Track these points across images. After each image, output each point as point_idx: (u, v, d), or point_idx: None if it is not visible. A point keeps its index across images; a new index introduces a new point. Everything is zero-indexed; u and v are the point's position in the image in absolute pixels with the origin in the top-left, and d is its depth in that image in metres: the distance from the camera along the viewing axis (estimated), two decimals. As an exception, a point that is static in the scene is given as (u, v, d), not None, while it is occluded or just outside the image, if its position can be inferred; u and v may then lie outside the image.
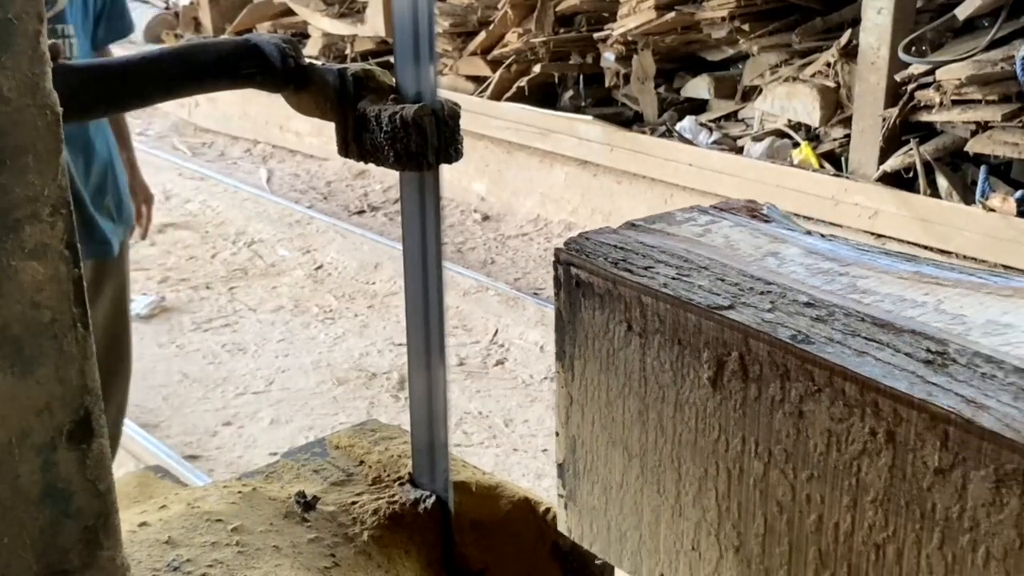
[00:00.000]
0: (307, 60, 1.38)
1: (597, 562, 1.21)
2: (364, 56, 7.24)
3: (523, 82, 6.42)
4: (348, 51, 7.53)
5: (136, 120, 8.02)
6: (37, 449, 0.90)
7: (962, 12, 4.90)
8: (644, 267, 1.12)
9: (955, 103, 4.70)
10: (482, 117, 6.28)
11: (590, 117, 6.07)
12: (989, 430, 0.83)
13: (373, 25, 7.16)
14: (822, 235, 1.27)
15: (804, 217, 4.91)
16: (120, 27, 2.50)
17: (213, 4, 8.43)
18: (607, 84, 6.38)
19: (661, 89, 6.20)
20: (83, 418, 0.92)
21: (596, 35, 6.27)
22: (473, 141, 6.10)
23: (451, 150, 1.27)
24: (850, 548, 0.98)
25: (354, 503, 1.55)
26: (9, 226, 0.84)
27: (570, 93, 6.51)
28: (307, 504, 1.51)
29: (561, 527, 1.30)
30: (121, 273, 2.59)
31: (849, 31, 5.31)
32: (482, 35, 6.64)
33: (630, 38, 6.02)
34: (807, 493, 1.00)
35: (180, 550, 1.40)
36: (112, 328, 2.58)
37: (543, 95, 6.51)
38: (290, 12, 8.05)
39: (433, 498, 1.55)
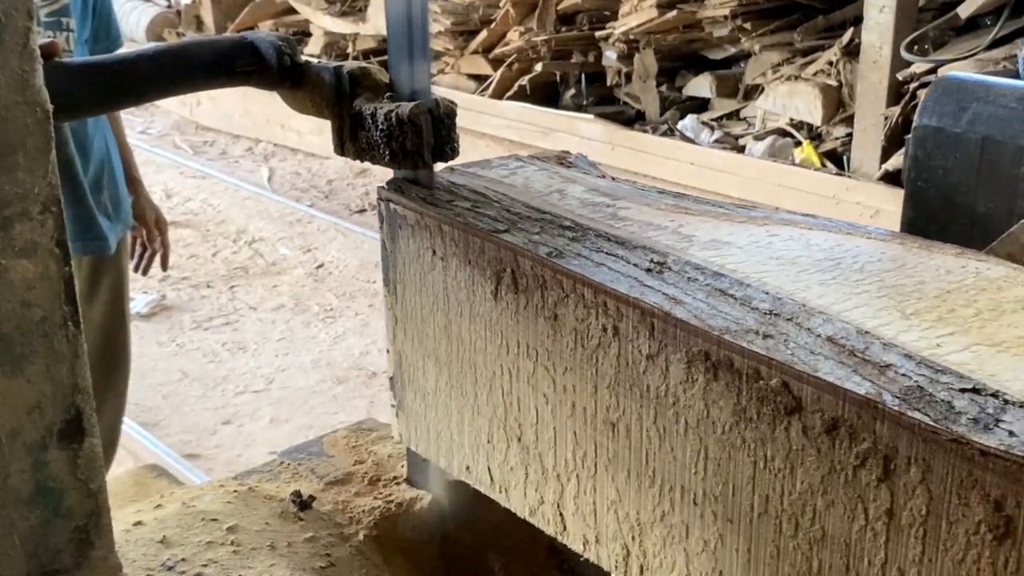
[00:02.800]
0: (304, 58, 1.38)
1: (590, 562, 1.21)
2: (366, 55, 7.23)
3: (525, 81, 6.41)
4: (350, 49, 7.52)
5: (137, 118, 8.03)
6: (28, 448, 0.90)
7: (964, 11, 4.89)
8: (447, 201, 1.31)
9: (957, 103, 4.69)
10: (483, 116, 6.27)
11: (592, 116, 6.06)
12: (682, 320, 1.02)
13: (375, 23, 7.16)
14: (614, 179, 1.47)
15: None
16: (106, 43, 2.50)
17: (215, 2, 8.42)
18: (609, 83, 6.37)
19: (663, 88, 6.19)
20: (74, 417, 0.92)
21: (598, 34, 6.26)
22: (474, 140, 6.10)
23: (447, 148, 1.27)
24: (595, 428, 1.15)
25: (350, 503, 1.55)
26: (-1, 224, 0.84)
27: (572, 92, 6.50)
28: (303, 503, 1.51)
29: (394, 433, 1.48)
30: (118, 271, 2.58)
31: (851, 29, 5.30)
32: (484, 33, 6.63)
33: (632, 36, 6.01)
34: (563, 384, 1.18)
35: (175, 549, 1.39)
36: (109, 326, 2.57)
37: (545, 94, 6.50)
38: (292, 10, 8.05)
39: (429, 498, 1.55)
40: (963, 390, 0.86)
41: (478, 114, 6.20)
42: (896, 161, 4.95)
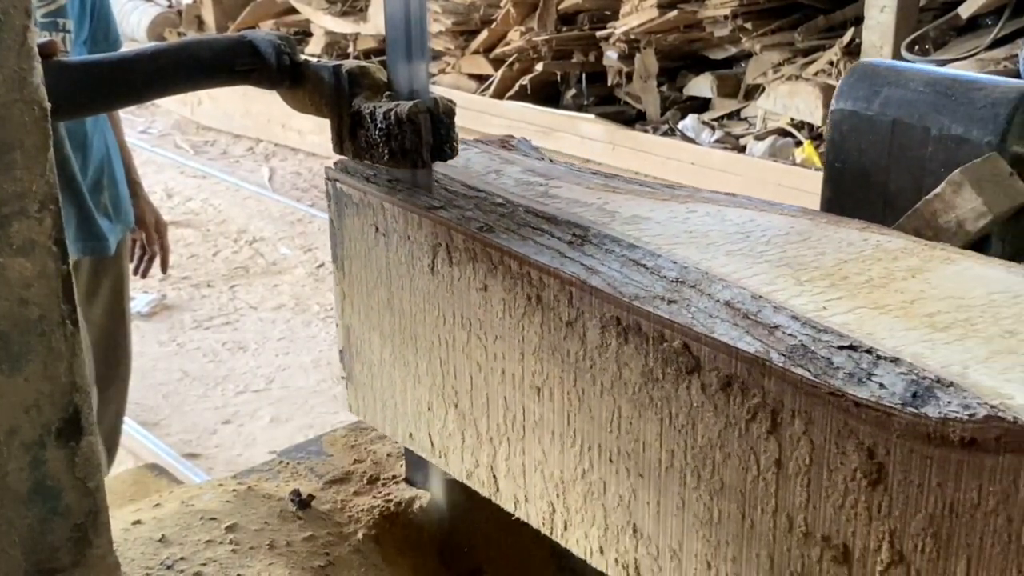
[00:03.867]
0: (303, 57, 1.38)
1: (591, 563, 1.21)
2: (367, 54, 7.24)
3: (525, 80, 6.42)
4: (351, 49, 7.52)
5: (138, 118, 8.03)
6: (26, 447, 0.90)
7: (965, 10, 4.89)
8: (387, 180, 1.36)
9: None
10: (484, 115, 6.27)
11: (592, 116, 6.06)
12: (597, 288, 1.08)
13: (375, 23, 7.16)
14: (552, 161, 1.54)
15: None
16: (105, 46, 2.49)
17: (216, 2, 8.43)
18: (609, 83, 6.38)
19: (663, 88, 6.19)
20: (72, 416, 0.92)
21: (598, 33, 6.27)
22: (475, 139, 6.09)
23: (446, 147, 1.27)
24: (523, 392, 1.21)
25: (349, 502, 1.55)
26: (-4, 222, 0.84)
27: (572, 92, 6.50)
28: (302, 503, 1.51)
29: (349, 407, 1.55)
30: (119, 272, 2.58)
31: (852, 29, 5.30)
32: (484, 33, 6.64)
33: (632, 36, 6.01)
34: (494, 352, 1.24)
35: (174, 548, 1.39)
36: (109, 326, 2.57)
37: (545, 93, 6.50)
38: (293, 10, 8.05)
39: (428, 497, 1.55)
40: (841, 347, 0.92)
41: (479, 114, 6.20)
42: (897, 161, 4.95)
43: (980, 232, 1.28)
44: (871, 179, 1.45)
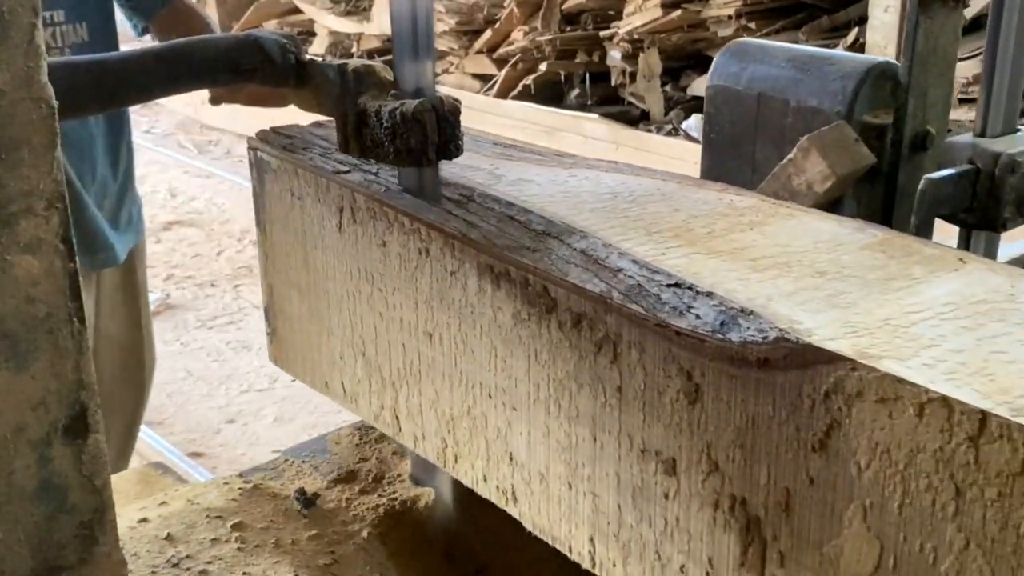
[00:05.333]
0: (308, 56, 1.38)
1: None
2: (371, 54, 7.24)
3: (529, 80, 6.42)
4: (354, 49, 7.53)
5: (142, 117, 8.04)
6: (32, 444, 0.90)
7: (968, 11, 4.88)
8: (302, 148, 1.50)
9: (962, 102, 4.69)
10: (488, 115, 6.27)
11: (596, 115, 6.06)
12: (474, 240, 1.20)
13: (379, 23, 7.16)
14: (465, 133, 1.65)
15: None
16: (101, 43, 2.41)
17: (220, 2, 8.44)
18: (613, 82, 6.38)
19: (667, 87, 6.19)
20: (79, 413, 0.92)
21: (602, 33, 6.27)
22: (479, 139, 6.09)
23: (451, 146, 1.27)
24: (417, 339, 1.33)
25: (354, 500, 1.55)
26: (4, 220, 0.84)
27: (576, 91, 6.50)
28: (307, 501, 1.51)
29: (269, 358, 1.68)
30: (133, 281, 2.54)
31: (856, 29, 5.29)
32: (488, 33, 6.64)
33: (636, 36, 6.01)
34: (393, 302, 1.36)
35: (180, 546, 1.40)
36: (127, 339, 2.53)
37: (549, 93, 6.51)
38: (297, 10, 8.06)
39: (433, 495, 1.55)
40: (668, 285, 1.05)
41: (482, 113, 6.20)
42: (901, 161, 4.94)
43: (828, 192, 1.39)
44: (741, 148, 1.57)
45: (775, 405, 0.94)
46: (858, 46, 5.19)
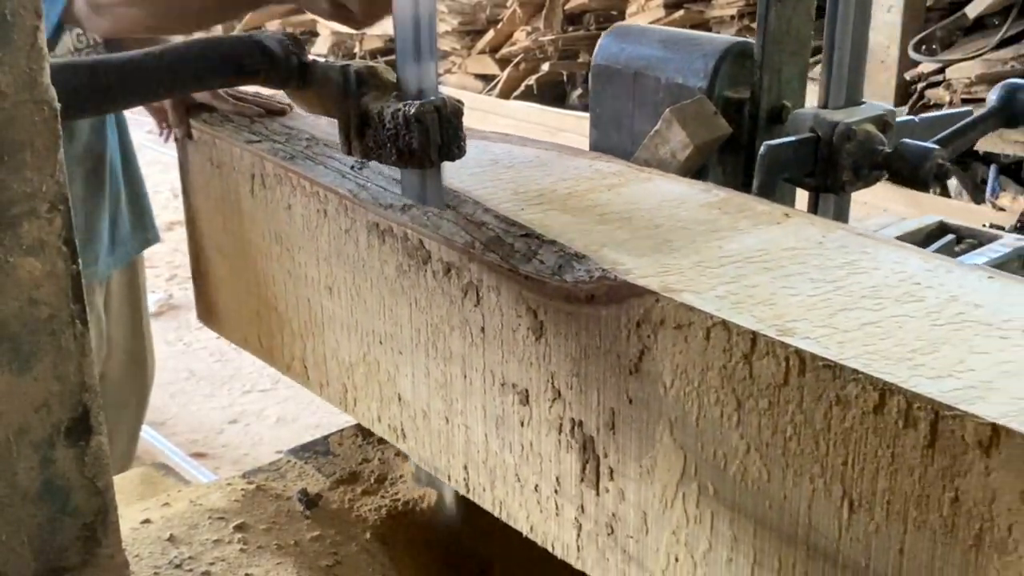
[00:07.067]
0: (311, 57, 1.38)
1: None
2: (373, 55, 7.24)
3: (531, 80, 6.42)
4: (357, 49, 7.53)
5: (146, 118, 8.01)
6: (35, 446, 0.90)
7: (972, 10, 4.88)
8: (219, 122, 1.63)
9: (965, 102, 4.68)
10: (490, 115, 6.27)
11: (598, 115, 6.05)
12: (364, 200, 1.34)
13: (382, 24, 7.15)
14: None
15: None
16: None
17: (222, 2, 8.42)
18: (616, 82, 6.36)
19: (670, 87, 6.18)
20: (81, 415, 0.92)
21: (604, 33, 6.26)
22: (481, 139, 6.09)
23: (454, 147, 1.26)
24: (319, 293, 1.47)
25: (357, 501, 1.55)
26: (7, 222, 0.84)
27: (579, 91, 6.50)
28: (310, 502, 1.51)
29: (197, 318, 1.83)
30: (136, 283, 2.53)
31: (859, 29, 5.28)
32: (491, 33, 6.64)
33: (639, 36, 6.00)
34: (298, 260, 1.49)
35: (182, 547, 1.40)
36: (130, 343, 2.52)
37: (552, 93, 6.50)
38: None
39: (436, 496, 1.55)
40: (521, 235, 1.18)
41: (485, 114, 6.20)
42: (904, 161, 4.93)
43: (689, 160, 1.51)
44: (621, 122, 1.70)
45: (601, 336, 1.07)
46: (861, 46, 5.19)
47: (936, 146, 1.50)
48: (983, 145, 4.65)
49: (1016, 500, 0.79)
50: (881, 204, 4.78)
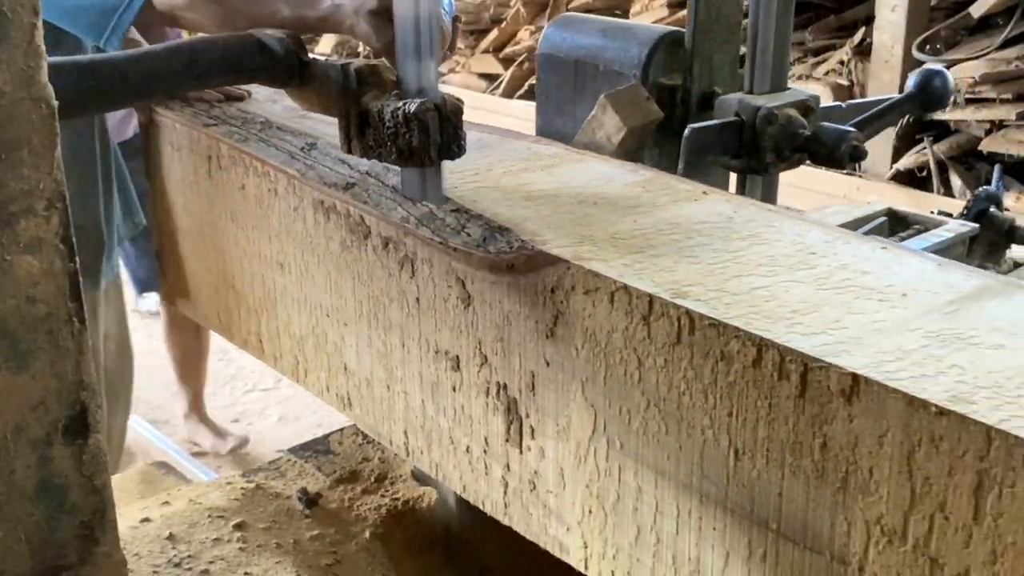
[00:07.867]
0: (311, 55, 1.38)
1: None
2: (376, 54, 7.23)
3: (535, 80, 6.40)
4: (360, 48, 7.52)
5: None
6: (32, 444, 0.90)
7: (976, 10, 4.86)
8: (180, 107, 1.70)
9: (969, 102, 4.67)
10: (494, 115, 6.26)
11: (601, 115, 6.04)
12: (310, 179, 1.40)
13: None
14: None
15: (816, 216, 4.88)
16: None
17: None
18: (619, 82, 6.36)
19: (673, 87, 6.17)
20: (79, 413, 0.92)
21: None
22: (484, 139, 6.08)
23: (454, 146, 1.26)
24: (272, 269, 1.53)
25: (357, 500, 1.55)
26: (4, 220, 0.84)
27: (582, 91, 6.48)
28: (309, 501, 1.51)
29: (161, 298, 1.94)
30: (113, 310, 2.53)
31: (863, 29, 5.28)
32: (494, 32, 6.63)
33: (642, 36, 5.99)
34: (251, 238, 1.56)
35: (182, 546, 1.40)
36: (118, 332, 2.53)
37: (555, 93, 6.48)
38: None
39: (435, 495, 1.54)
40: (452, 211, 1.25)
41: (488, 113, 6.19)
42: (908, 160, 4.94)
43: (623, 143, 1.56)
44: (564, 108, 1.77)
45: (521, 302, 1.14)
46: (865, 46, 5.17)
47: (852, 129, 1.59)
48: (987, 145, 4.64)
49: (875, 444, 0.85)
50: (885, 203, 4.76)
